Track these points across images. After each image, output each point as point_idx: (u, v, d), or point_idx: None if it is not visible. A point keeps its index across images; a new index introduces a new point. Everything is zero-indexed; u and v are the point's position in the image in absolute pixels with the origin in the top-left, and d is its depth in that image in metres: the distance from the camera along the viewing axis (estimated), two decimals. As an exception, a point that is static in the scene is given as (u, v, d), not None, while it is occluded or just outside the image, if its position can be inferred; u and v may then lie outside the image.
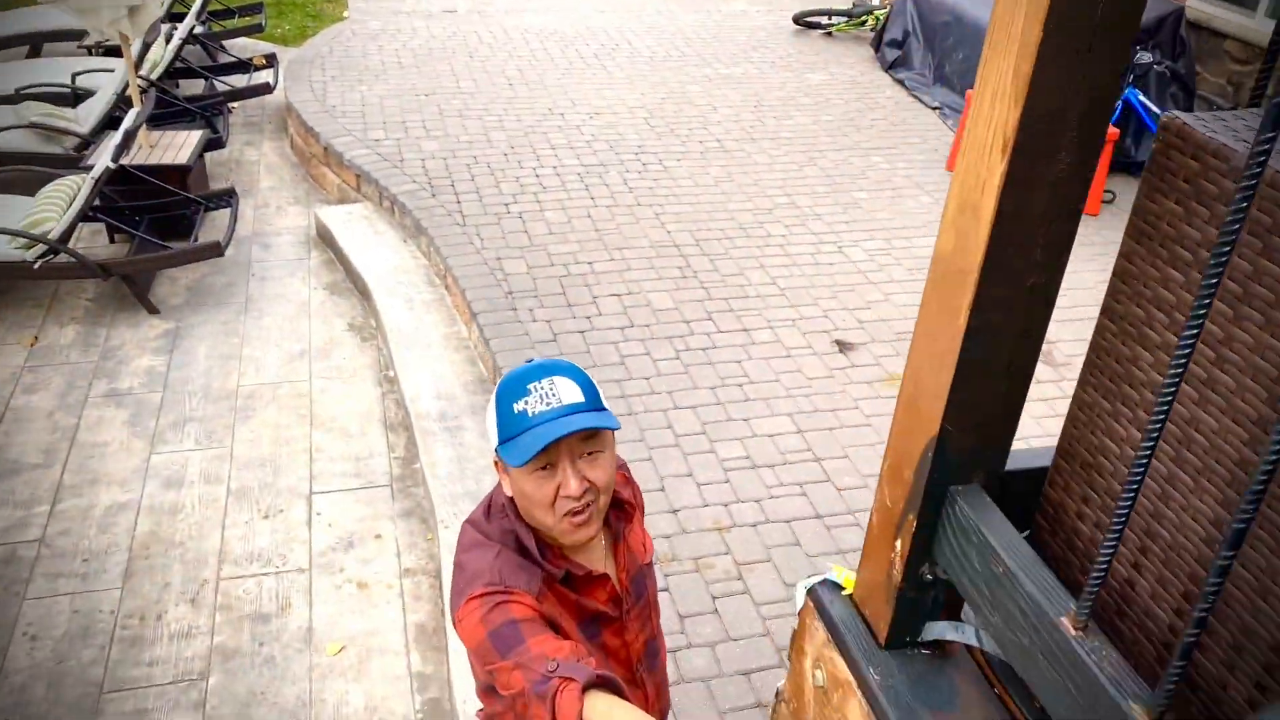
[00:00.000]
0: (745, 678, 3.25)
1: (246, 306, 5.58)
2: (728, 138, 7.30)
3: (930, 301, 1.15)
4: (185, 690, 3.41)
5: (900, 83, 8.61)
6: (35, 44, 8.19)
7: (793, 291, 5.39)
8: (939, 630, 1.27)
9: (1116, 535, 0.96)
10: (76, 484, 4.27)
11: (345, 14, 9.85)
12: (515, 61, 8.57)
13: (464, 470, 4.25)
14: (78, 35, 8.01)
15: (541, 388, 1.57)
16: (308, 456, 4.49)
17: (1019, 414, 1.18)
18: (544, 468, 1.57)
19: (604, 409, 1.61)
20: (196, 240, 5.69)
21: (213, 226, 6.06)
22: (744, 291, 5.36)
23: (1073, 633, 1.00)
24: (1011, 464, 1.23)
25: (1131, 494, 0.93)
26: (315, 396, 4.89)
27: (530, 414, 1.56)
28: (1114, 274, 1.08)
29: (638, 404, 4.43)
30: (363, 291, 5.72)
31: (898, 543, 1.25)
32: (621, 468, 1.89)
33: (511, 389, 1.60)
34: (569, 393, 1.58)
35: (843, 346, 4.96)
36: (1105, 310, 1.09)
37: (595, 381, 1.63)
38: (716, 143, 7.20)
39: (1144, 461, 0.91)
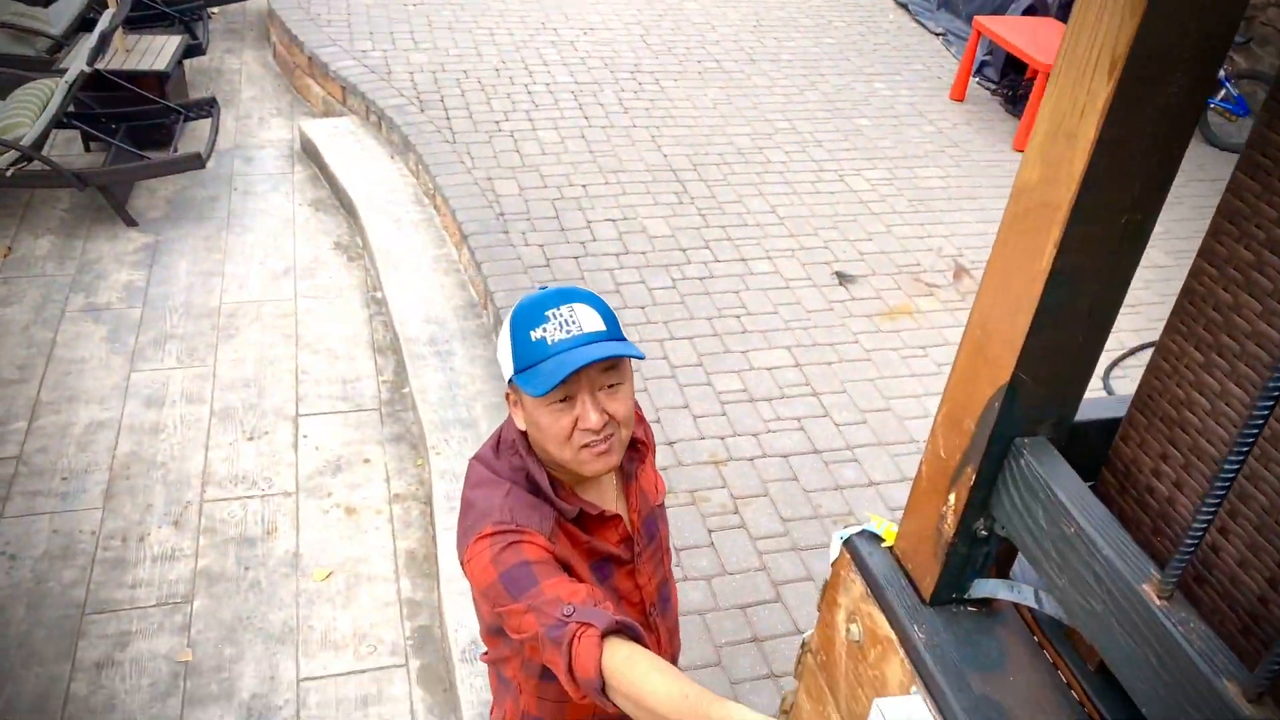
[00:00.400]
0: (741, 611, 3.22)
1: (228, 222, 5.40)
2: (726, 58, 7.08)
3: (1007, 239, 1.05)
4: (169, 613, 3.35)
5: (904, 6, 8.37)
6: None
7: (792, 221, 5.26)
8: (990, 588, 1.20)
9: (1218, 499, 0.88)
10: (54, 400, 4.15)
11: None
12: (507, -27, 8.25)
13: (455, 396, 4.15)
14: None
15: (560, 315, 1.48)
16: (293, 378, 4.38)
17: (1095, 363, 1.09)
18: (563, 400, 1.47)
19: (624, 338, 1.51)
20: (176, 151, 5.48)
21: (192, 137, 5.84)
22: (742, 220, 5.23)
23: (1157, 602, 0.93)
24: (1080, 415, 1.14)
25: (1241, 455, 0.85)
26: (300, 316, 4.76)
27: (549, 342, 1.46)
28: (1218, 212, 0.98)
29: (633, 334, 4.32)
30: (349, 209, 5.55)
31: (951, 496, 1.17)
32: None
33: (528, 316, 1.50)
34: (589, 320, 1.49)
35: (843, 279, 4.85)
36: (1204, 252, 1.00)
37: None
38: (715, 63, 6.99)
39: (1260, 419, 0.82)
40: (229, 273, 5.01)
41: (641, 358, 1.51)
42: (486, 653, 1.80)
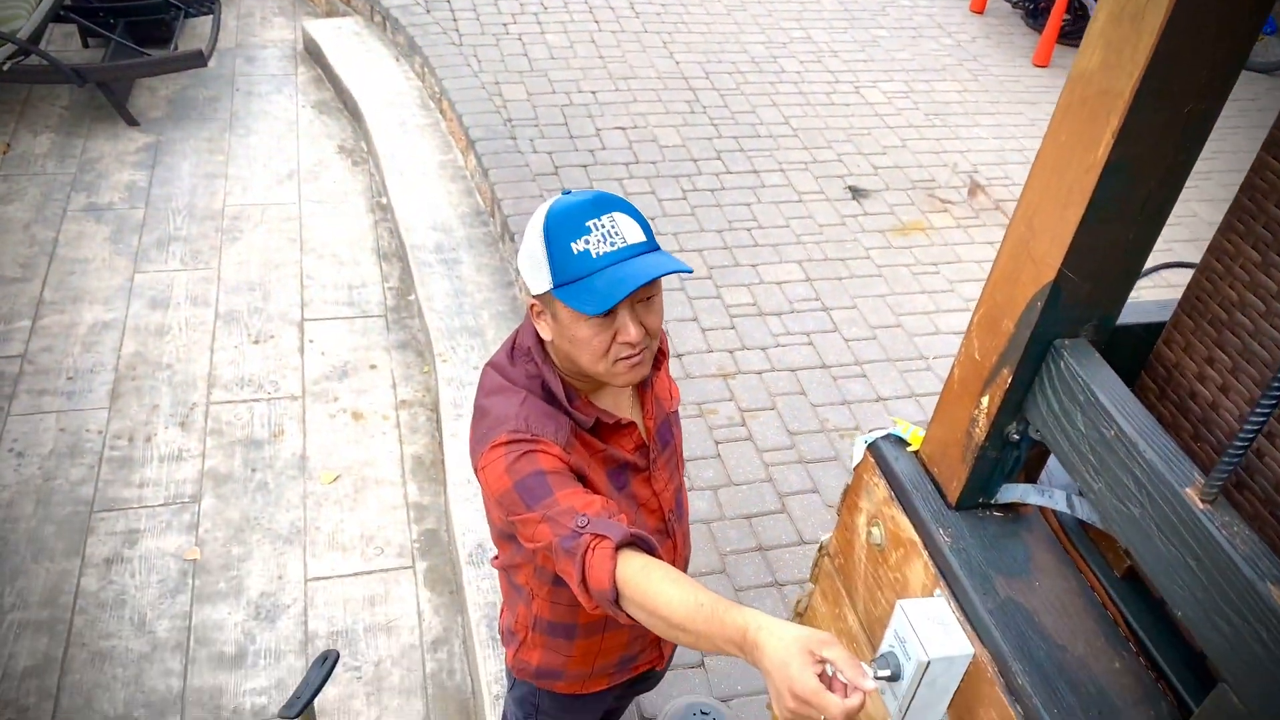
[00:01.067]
0: (746, 521, 3.23)
1: (231, 123, 5.30)
2: (741, -35, 6.86)
3: (1060, 129, 1.00)
4: (177, 513, 3.36)
5: (925, -86, 8.08)
6: None
7: (806, 133, 5.16)
8: (1019, 493, 1.18)
9: (1273, 403, 0.84)
10: (58, 300, 4.11)
11: None
12: None
13: (461, 305, 4.11)
14: None
15: (603, 226, 1.40)
16: (298, 282, 4.34)
17: (1144, 262, 1.05)
18: (604, 313, 1.43)
19: (659, 246, 1.46)
20: (176, 48, 5.34)
21: (193, 35, 5.69)
22: (755, 130, 5.12)
23: (1200, 506, 0.90)
24: (1119, 319, 1.10)
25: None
26: (305, 220, 4.70)
27: (594, 254, 1.39)
28: (1288, 103, 0.92)
29: (642, 243, 4.26)
30: (353, 112, 5.43)
31: (984, 399, 1.14)
32: None
33: (565, 225, 1.41)
34: (631, 231, 1.42)
35: (856, 193, 4.77)
36: (1270, 144, 0.95)
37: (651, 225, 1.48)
38: (729, -31, 6.78)
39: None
40: (232, 175, 4.93)
41: (690, 272, 1.46)
42: (497, 557, 1.80)
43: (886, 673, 1.15)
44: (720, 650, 1.22)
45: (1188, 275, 1.08)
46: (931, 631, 1.13)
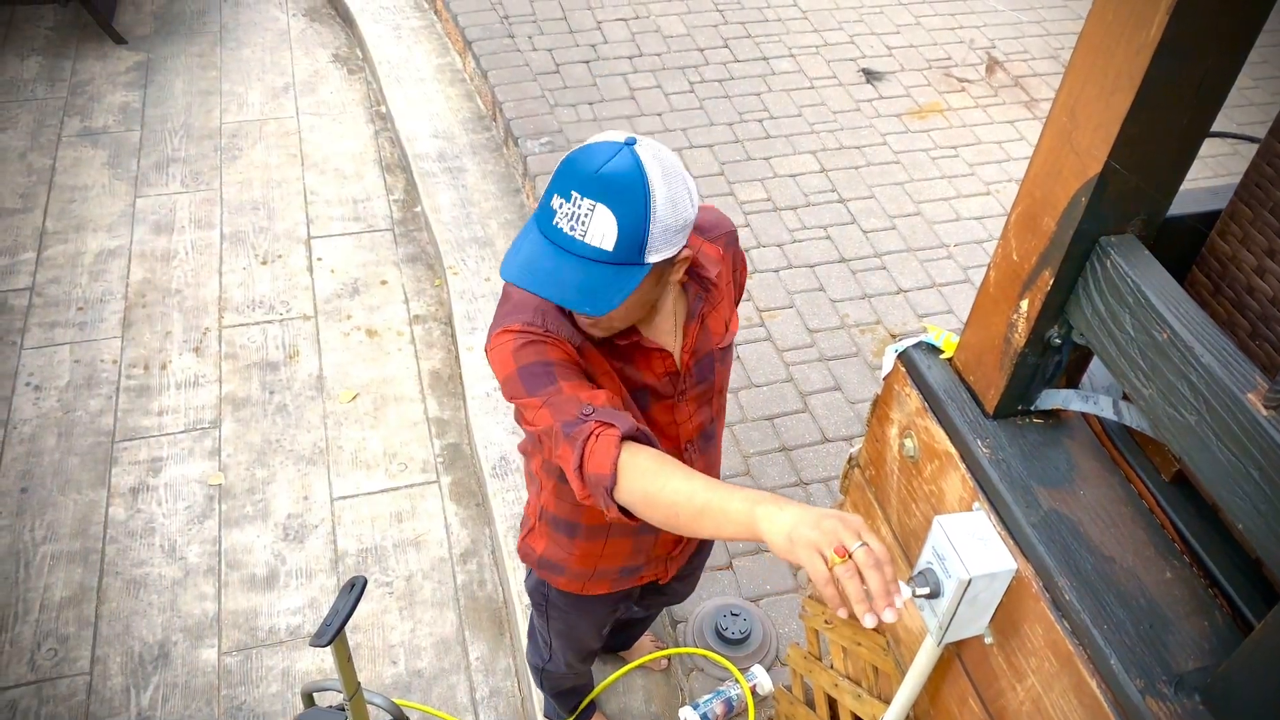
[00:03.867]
0: (769, 422, 3.20)
1: (221, 36, 5.13)
2: None
3: (1106, 7, 0.91)
4: (198, 439, 3.36)
5: None
6: None
7: (816, 14, 4.95)
8: (1061, 399, 1.12)
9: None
10: (61, 229, 4.04)
11: None
12: None
13: (469, 215, 4.03)
14: None
15: (580, 206, 1.28)
16: (302, 199, 4.25)
17: (1197, 150, 0.96)
18: None
19: (634, 264, 1.31)
20: (157, -41, 5.14)
21: (174, -57, 5.47)
22: (762, 15, 4.92)
23: (1263, 412, 0.84)
24: (1171, 208, 1.03)
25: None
26: (304, 135, 4.58)
27: (553, 221, 1.31)
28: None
29: (651, 141, 4.14)
30: (345, 18, 5.25)
31: (1024, 302, 1.07)
32: (721, 238, 1.63)
33: (565, 173, 1.31)
34: (599, 231, 1.28)
35: (870, 76, 4.60)
36: (1344, 13, 0.85)
37: (664, 214, 1.30)
38: None
39: None
40: (227, 91, 4.79)
41: (597, 314, 1.32)
42: (522, 441, 1.78)
43: (925, 590, 1.12)
44: (728, 533, 1.18)
45: (1243, 162, 1.00)
46: (972, 547, 1.08)
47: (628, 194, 1.28)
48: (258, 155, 4.44)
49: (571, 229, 1.29)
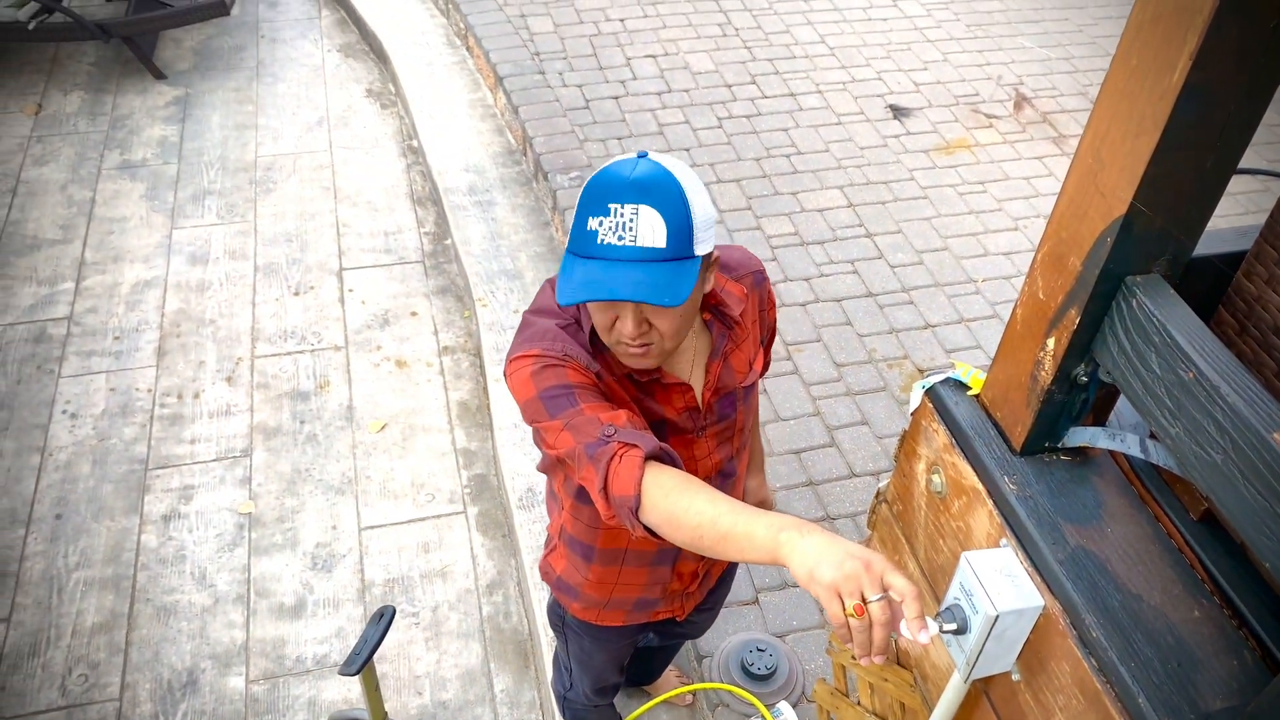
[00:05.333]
0: (796, 457, 3.20)
1: (258, 71, 5.24)
2: (769, -123, 6.61)
3: (1130, 53, 0.92)
4: (230, 467, 3.40)
5: None
6: None
7: (843, 51, 4.99)
8: (1088, 436, 1.13)
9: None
10: (99, 260, 4.13)
11: None
12: None
13: (498, 248, 4.07)
14: None
15: (622, 214, 1.29)
16: (334, 231, 4.32)
17: (1222, 192, 0.97)
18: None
19: (687, 258, 1.33)
20: (198, -3, 5.27)
21: (214, -18, 5.60)
22: (790, 52, 4.97)
23: (1290, 453, 0.84)
24: (1197, 248, 1.03)
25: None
26: (337, 168, 4.66)
27: (599, 240, 1.31)
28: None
29: (679, 175, 4.18)
30: (379, 54, 5.35)
31: (1050, 340, 1.08)
32: (747, 278, 1.64)
33: (595, 195, 1.32)
34: (649, 232, 1.29)
35: (897, 112, 4.63)
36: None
37: (699, 207, 1.33)
38: (757, -117, 6.53)
39: None
40: (262, 125, 4.89)
41: (674, 305, 1.31)
42: (540, 462, 1.78)
43: (953, 626, 1.12)
44: (751, 558, 1.18)
45: (1274, 199, 1.01)
46: (999, 584, 1.09)
47: (665, 191, 1.31)
48: (291, 188, 4.52)
49: (620, 238, 1.30)
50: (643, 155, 1.35)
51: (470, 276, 3.94)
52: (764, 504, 2.11)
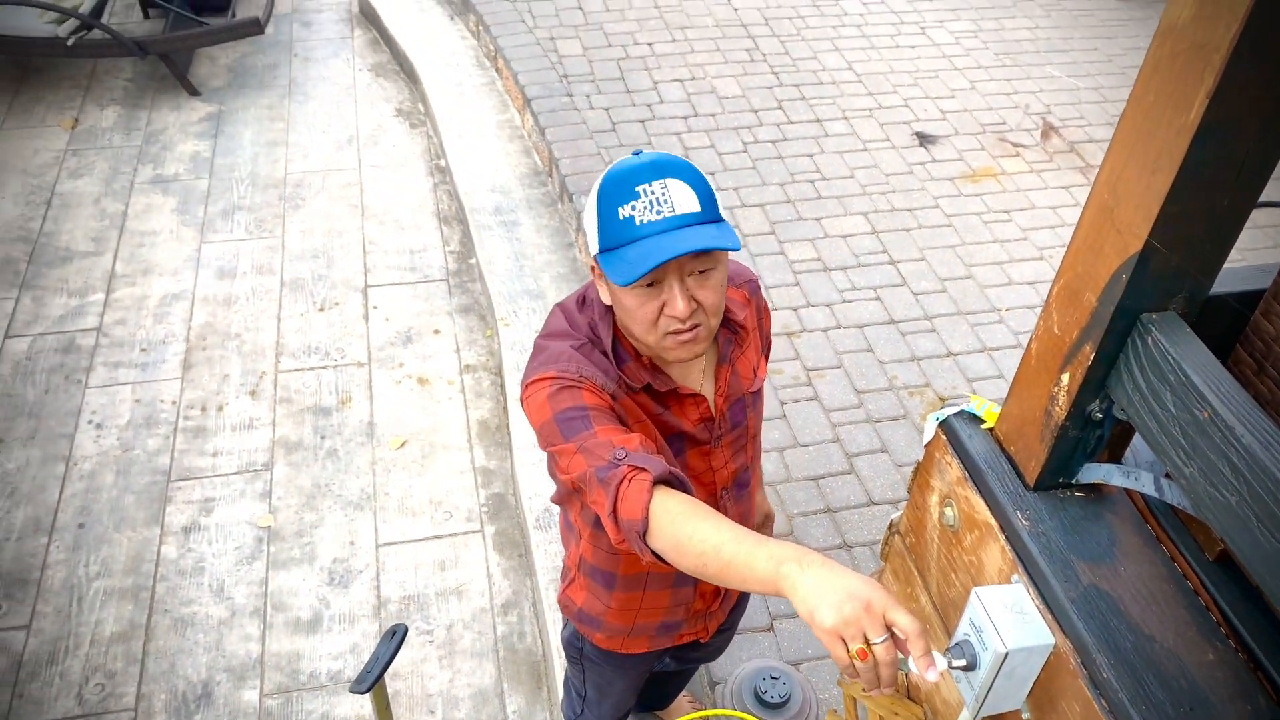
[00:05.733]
0: (814, 483, 3.19)
1: (290, 89, 5.31)
2: (800, -96, 6.64)
3: (1147, 90, 0.92)
4: (250, 481, 3.43)
5: None
6: None
7: (870, 78, 5.00)
8: (1102, 474, 1.12)
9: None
10: (129, 273, 4.19)
11: None
12: None
13: (522, 268, 4.09)
14: None
15: (652, 192, 1.34)
16: (361, 249, 4.36)
17: (1239, 230, 0.97)
18: (650, 284, 1.38)
19: (722, 220, 1.39)
20: (234, 16, 5.36)
21: (250, 2, 5.70)
22: (817, 78, 4.98)
23: (1306, 497, 0.83)
24: (1214, 286, 1.03)
25: None
26: (365, 186, 4.71)
27: (638, 222, 1.34)
28: None
29: (703, 199, 4.19)
30: (409, 74, 5.41)
31: (1064, 376, 1.08)
32: (744, 285, 1.69)
33: (616, 188, 1.37)
34: (683, 200, 1.35)
35: (923, 139, 4.62)
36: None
37: (712, 184, 1.40)
38: (788, -90, 6.56)
39: None
40: (293, 142, 4.95)
41: (737, 249, 1.37)
42: (555, 493, 1.79)
43: (962, 662, 1.11)
44: (754, 590, 1.18)
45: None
46: (1009, 620, 1.08)
47: (680, 165, 1.38)
48: (320, 205, 4.57)
49: (659, 212, 1.35)
50: (638, 152, 1.41)
51: (493, 296, 3.96)
52: (766, 518, 2.11)
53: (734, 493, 1.73)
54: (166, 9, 5.35)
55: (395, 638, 1.94)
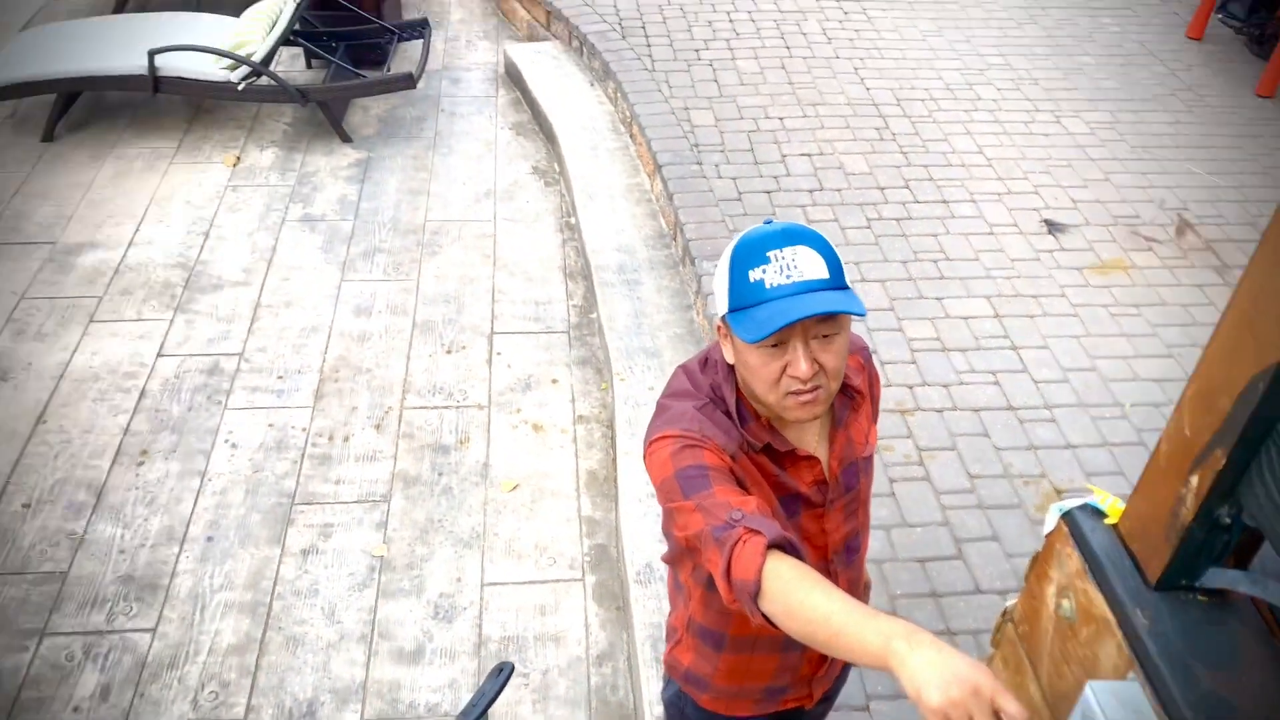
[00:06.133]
0: (920, 565, 3.16)
1: (435, 142, 5.59)
2: (940, -12, 6.72)
3: (1293, 206, 0.95)
4: (369, 510, 3.57)
5: (1141, -66, 7.68)
6: None
7: (1001, 163, 4.99)
8: (1228, 579, 1.12)
9: None
10: (273, 304, 4.44)
11: None
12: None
13: (640, 325, 4.20)
14: None
15: (783, 257, 1.42)
16: (490, 297, 4.53)
17: (1384, 347, 0.97)
18: (774, 345, 1.45)
19: (847, 288, 1.46)
20: (389, 71, 5.69)
21: (404, 58, 6.05)
22: (946, 159, 5.00)
23: None
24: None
25: None
26: (498, 238, 4.90)
27: (767, 285, 1.42)
28: None
29: (825, 272, 4.23)
30: (548, 135, 5.64)
31: (1194, 478, 1.09)
32: (858, 352, 1.75)
33: (748, 253, 1.46)
34: (812, 266, 1.42)
35: (1052, 227, 4.59)
36: None
37: (839, 255, 1.47)
38: (927, -7, 6.65)
39: None
40: (434, 191, 5.20)
41: (862, 314, 1.44)
42: (667, 552, 1.84)
43: (1072, 755, 1.12)
44: (861, 662, 1.20)
45: None
46: (1123, 717, 1.08)
47: (810, 235, 1.46)
48: (455, 253, 4.78)
49: (789, 276, 1.42)
50: (769, 220, 1.49)
51: (611, 351, 4.07)
52: (865, 586, 2.13)
53: (844, 557, 1.76)
54: (329, 61, 5.72)
55: (502, 674, 2.00)
